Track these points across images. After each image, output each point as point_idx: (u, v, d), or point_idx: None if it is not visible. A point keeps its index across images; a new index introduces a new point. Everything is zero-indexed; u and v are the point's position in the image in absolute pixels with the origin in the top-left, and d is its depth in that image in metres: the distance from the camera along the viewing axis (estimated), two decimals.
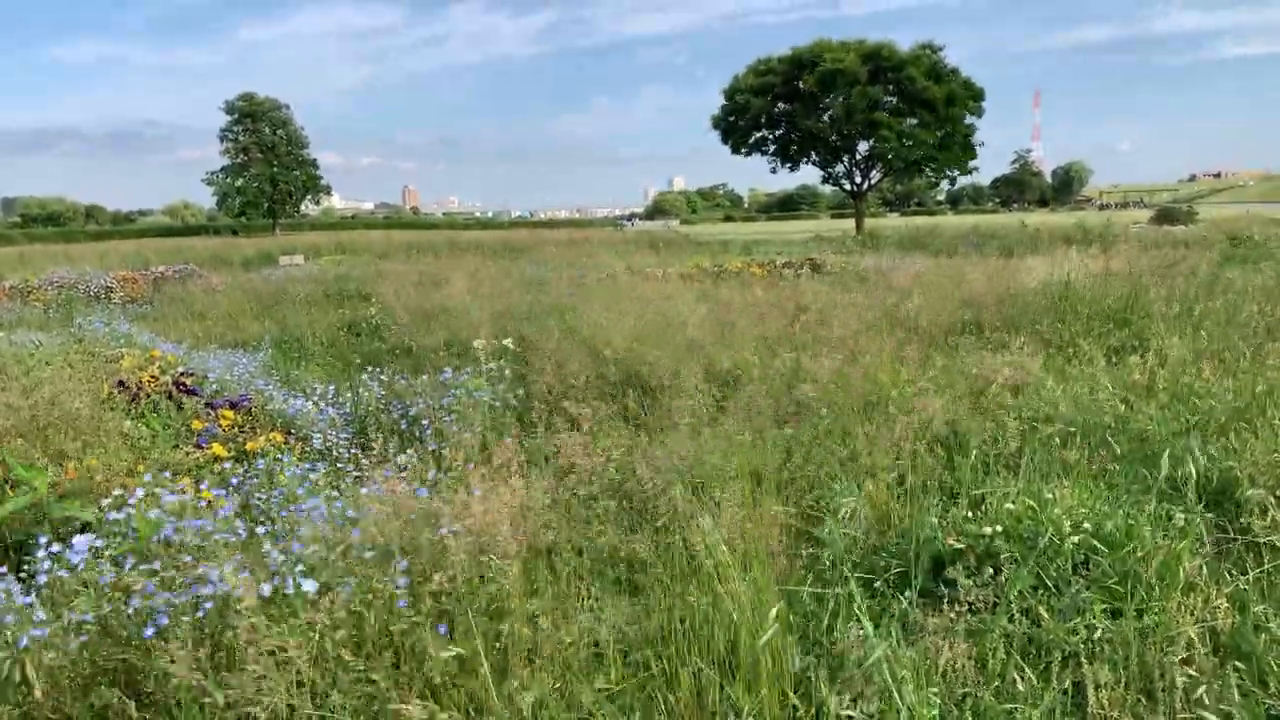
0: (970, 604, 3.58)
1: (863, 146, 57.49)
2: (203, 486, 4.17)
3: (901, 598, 3.78)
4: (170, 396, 6.35)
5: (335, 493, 4.00)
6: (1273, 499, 4.30)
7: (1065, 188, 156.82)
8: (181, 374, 7.19)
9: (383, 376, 7.77)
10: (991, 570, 3.84)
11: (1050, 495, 4.29)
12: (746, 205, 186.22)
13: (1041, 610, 3.55)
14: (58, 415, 5.28)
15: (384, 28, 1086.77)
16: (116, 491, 3.94)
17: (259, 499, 4.31)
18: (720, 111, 58.95)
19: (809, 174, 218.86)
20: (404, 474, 4.37)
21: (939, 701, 3.03)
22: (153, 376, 6.75)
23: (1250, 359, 7.11)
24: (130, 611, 3.03)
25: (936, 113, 53.04)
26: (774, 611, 3.22)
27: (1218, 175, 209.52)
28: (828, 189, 76.21)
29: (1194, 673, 3.10)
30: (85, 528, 3.97)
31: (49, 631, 2.98)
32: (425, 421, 6.47)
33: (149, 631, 2.89)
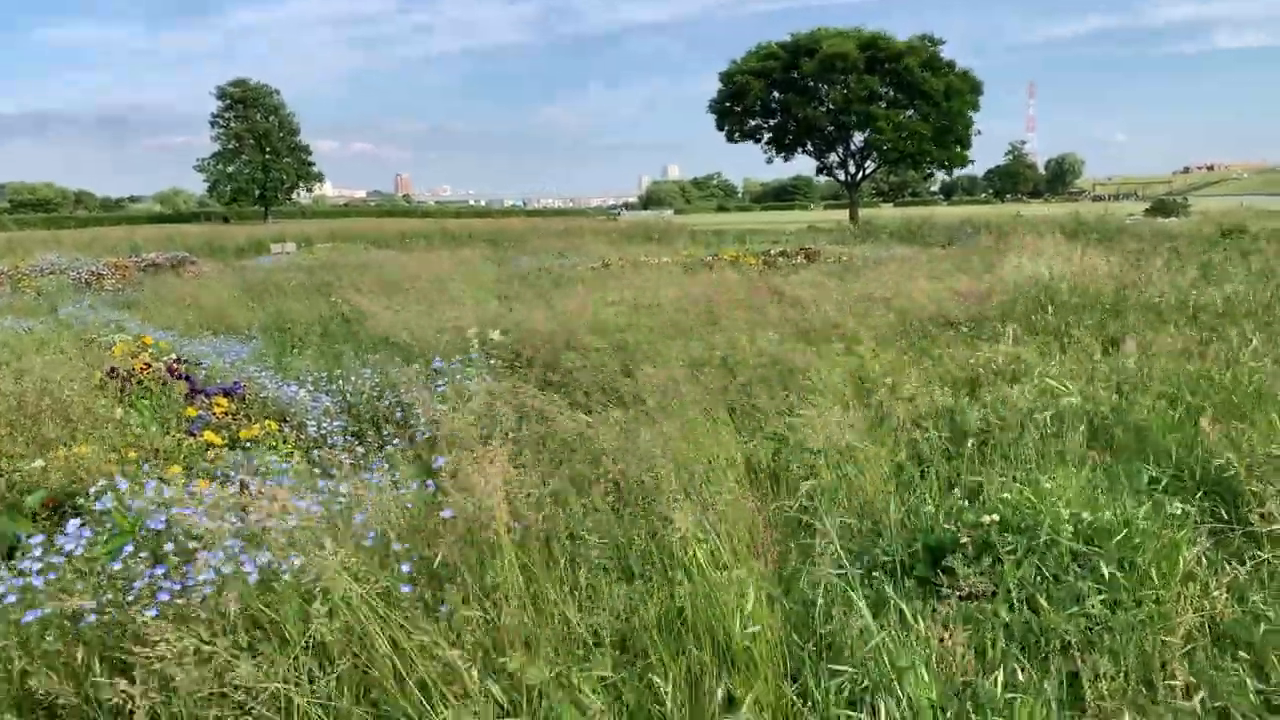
0: (968, 593, 3.57)
1: (858, 137, 57.46)
2: (192, 472, 4.14)
3: (899, 587, 3.76)
4: (163, 383, 6.30)
5: (329, 480, 3.96)
6: (1270, 489, 4.30)
7: (1058, 179, 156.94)
8: (174, 361, 7.14)
9: (373, 362, 7.73)
10: (989, 559, 3.83)
11: (1048, 484, 4.28)
12: (741, 195, 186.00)
13: (1040, 599, 3.54)
14: (48, 402, 5.22)
15: (375, 14, 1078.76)
16: (101, 481, 3.90)
17: (253, 486, 4.27)
18: (718, 95, 58.74)
19: (803, 164, 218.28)
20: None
21: (938, 690, 3.01)
22: (145, 364, 6.70)
23: (1246, 350, 7.11)
24: (131, 598, 3.00)
25: (937, 105, 52.99)
26: (764, 600, 3.21)
27: (1211, 167, 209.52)
28: (822, 179, 76.10)
29: (1193, 662, 3.09)
30: (76, 513, 3.92)
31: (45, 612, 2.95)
32: (419, 410, 6.43)
33: (152, 612, 2.87)
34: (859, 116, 54.19)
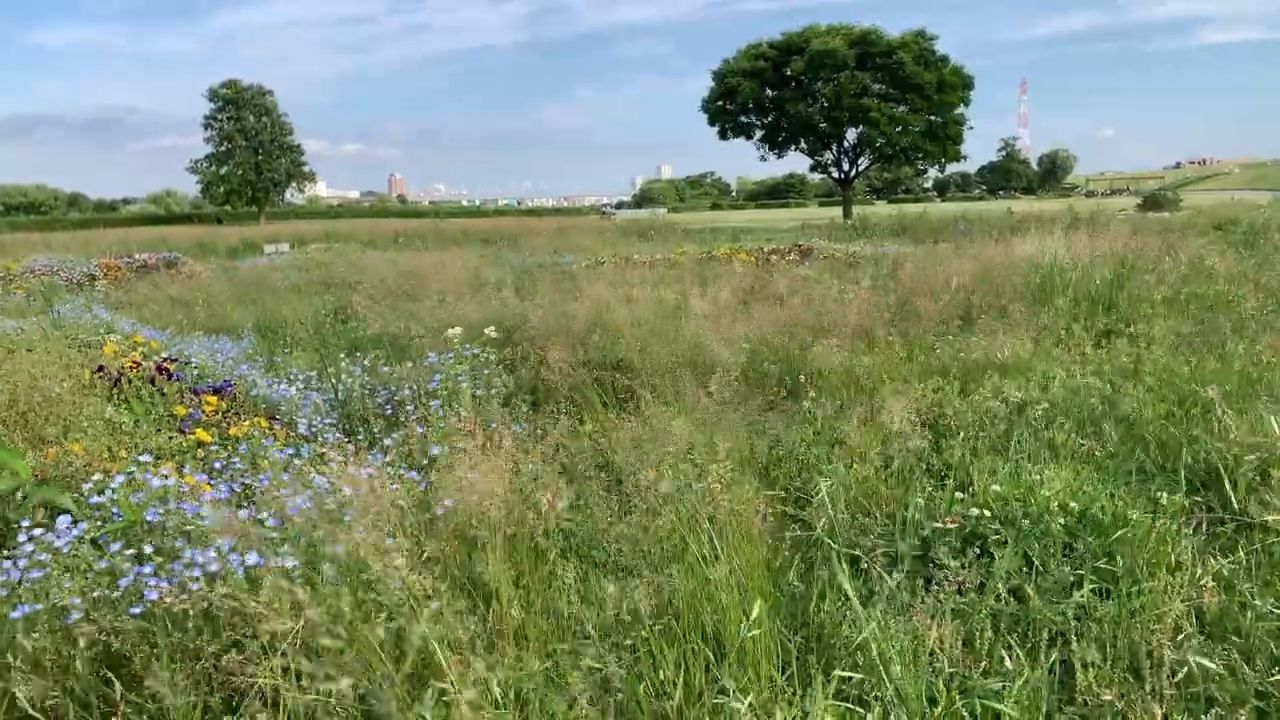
0: (958, 584, 3.58)
1: (851, 134, 57.55)
2: (185, 471, 4.12)
3: (889, 578, 3.77)
4: (153, 382, 6.28)
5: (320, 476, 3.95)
6: (1258, 480, 4.32)
7: (1050, 175, 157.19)
8: (164, 359, 7.12)
9: (366, 362, 7.71)
10: (979, 551, 3.84)
11: (1038, 476, 4.29)
12: (734, 193, 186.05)
13: (1029, 590, 3.55)
14: (38, 399, 5.21)
15: (365, 16, 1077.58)
16: (97, 476, 3.89)
17: (244, 483, 4.26)
18: (709, 95, 58.71)
19: (797, 162, 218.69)
20: (389, 459, 4.34)
21: (927, 679, 3.02)
22: (135, 362, 6.68)
23: (1237, 342, 7.13)
24: (117, 595, 2.99)
25: (930, 99, 53.09)
26: (759, 591, 3.21)
27: (1203, 162, 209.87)
28: (816, 177, 76.10)
29: (1181, 651, 3.10)
30: (63, 513, 3.91)
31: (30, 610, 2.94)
32: (410, 407, 6.42)
33: (135, 610, 2.86)
34: (852, 112, 54.26)
